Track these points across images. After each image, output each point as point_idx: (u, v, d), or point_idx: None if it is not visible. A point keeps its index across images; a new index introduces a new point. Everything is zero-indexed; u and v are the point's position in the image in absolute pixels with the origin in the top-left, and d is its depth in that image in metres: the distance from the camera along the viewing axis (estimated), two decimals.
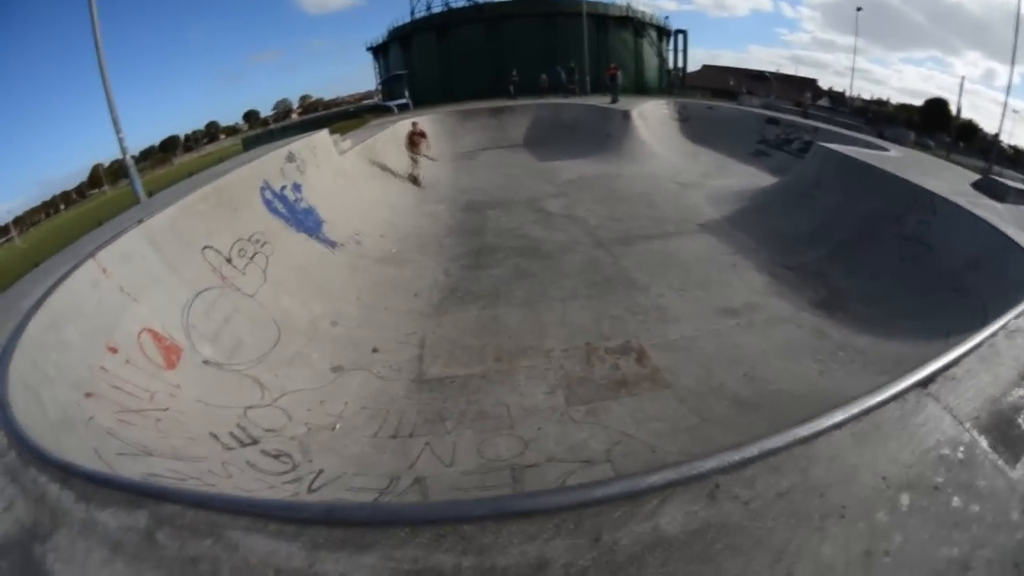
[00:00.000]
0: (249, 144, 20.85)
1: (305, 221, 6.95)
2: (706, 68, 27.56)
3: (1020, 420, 2.14)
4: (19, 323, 2.74)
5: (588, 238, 7.70)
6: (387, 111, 18.95)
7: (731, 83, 20.26)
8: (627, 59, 26.83)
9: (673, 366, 4.54)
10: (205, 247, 4.90)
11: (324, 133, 9.28)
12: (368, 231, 7.96)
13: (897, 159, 7.84)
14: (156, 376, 3.33)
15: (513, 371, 4.54)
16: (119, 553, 1.54)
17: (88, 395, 2.66)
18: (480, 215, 9.34)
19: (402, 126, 12.98)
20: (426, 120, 14.47)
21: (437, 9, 27.56)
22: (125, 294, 3.67)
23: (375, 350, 5.06)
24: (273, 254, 5.81)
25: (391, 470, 3.10)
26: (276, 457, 3.15)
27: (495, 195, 10.61)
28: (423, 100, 21.42)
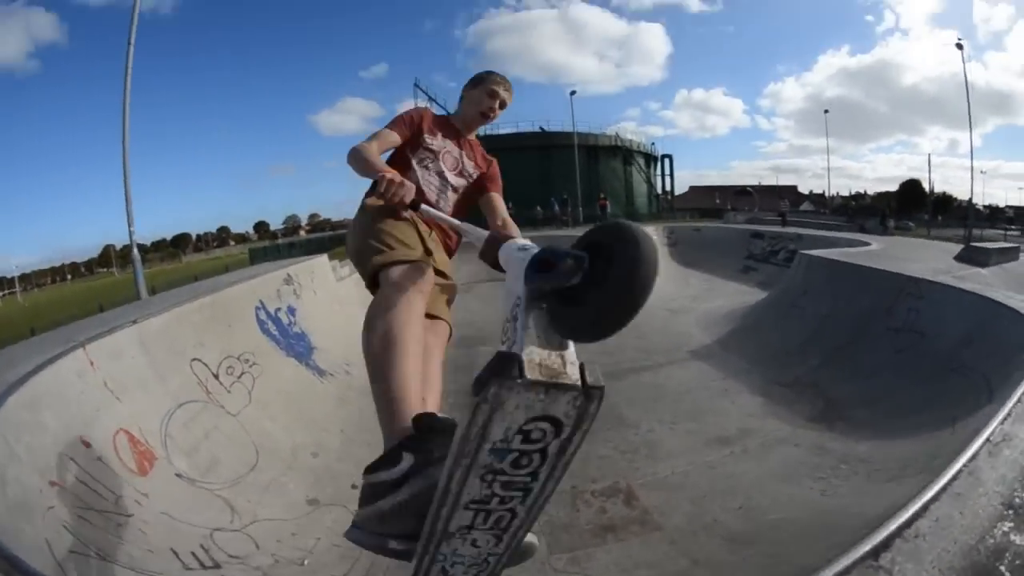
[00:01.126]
0: (255, 256, 21.52)
1: (296, 346, 7.05)
2: (693, 189, 30.22)
3: (1002, 567, 1.82)
4: None
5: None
6: None
7: (717, 201, 22.10)
8: (617, 186, 29.27)
9: (664, 505, 4.42)
10: (194, 359, 4.98)
11: (323, 258, 9.81)
12: (358, 361, 7.87)
13: (879, 251, 8.35)
14: (126, 479, 3.21)
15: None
16: None
17: (52, 483, 2.57)
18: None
19: None
20: None
21: None
22: (108, 390, 3.66)
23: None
24: (261, 376, 5.85)
25: None
26: None
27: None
28: None
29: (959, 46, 35.33)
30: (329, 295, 9.22)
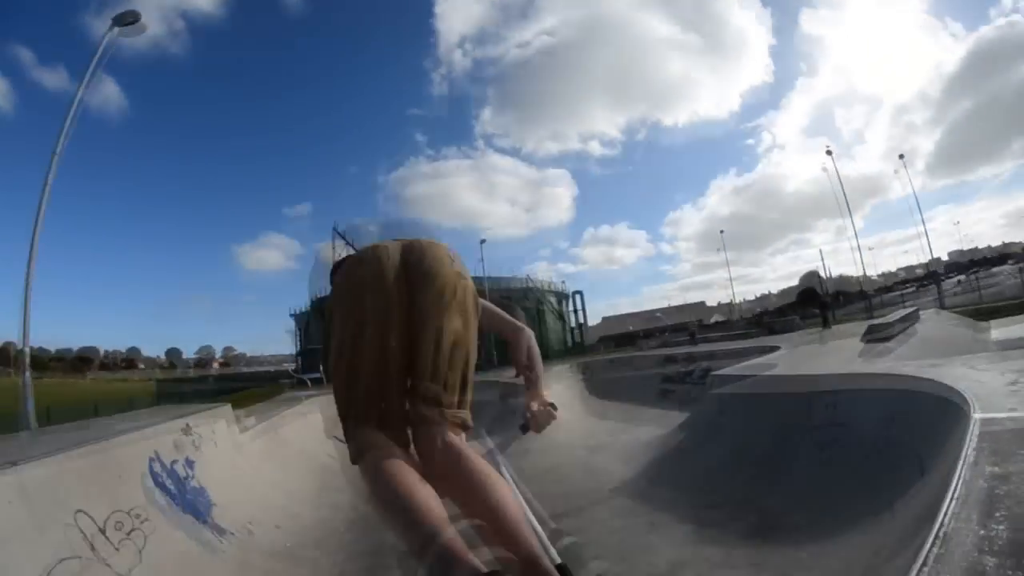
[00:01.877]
0: (163, 388, 19.38)
1: (194, 502, 6.40)
2: (605, 320, 31.92)
3: None
4: None
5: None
6: (301, 383, 19.02)
7: (630, 328, 23.46)
8: (556, 325, 30.21)
9: None
10: (79, 510, 4.35)
11: (227, 408, 9.24)
12: (263, 519, 7.31)
13: (788, 354, 8.70)
14: None
15: None
16: None
17: None
18: None
19: (310, 404, 12.99)
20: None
21: None
22: None
23: None
24: (153, 533, 5.21)
25: None
26: None
27: None
28: None
29: (828, 152, 45.66)
30: (232, 447, 8.53)
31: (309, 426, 12.10)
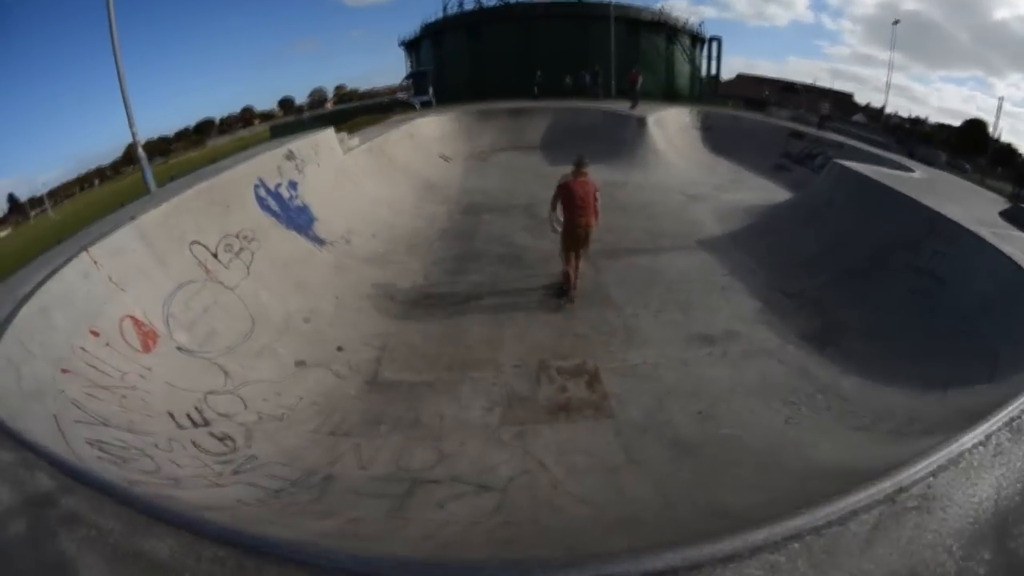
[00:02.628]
0: (277, 132, 22.23)
1: (297, 218, 7.72)
2: (741, 78, 27.81)
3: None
4: (13, 308, 3.53)
5: None
6: (410, 107, 19.83)
7: (765, 94, 20.58)
8: (658, 65, 27.51)
9: (625, 394, 4.68)
10: (193, 242, 5.68)
11: (329, 132, 10.11)
12: (361, 230, 8.71)
13: (921, 181, 7.89)
14: (131, 358, 4.08)
15: (460, 382, 4.98)
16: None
17: (64, 371, 3.42)
18: (476, 218, 10.04)
19: (418, 124, 13.74)
20: (444, 119, 15.26)
21: (469, 7, 28.58)
22: (113, 284, 4.46)
23: (340, 349, 5.72)
24: (260, 250, 6.55)
25: (312, 465, 3.68)
26: (221, 440, 3.86)
27: (497, 198, 11.31)
28: (454, 98, 22.45)
29: None
30: (335, 167, 9.59)
31: (415, 146, 12.97)
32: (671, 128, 14.84)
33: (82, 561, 1.86)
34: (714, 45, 29.64)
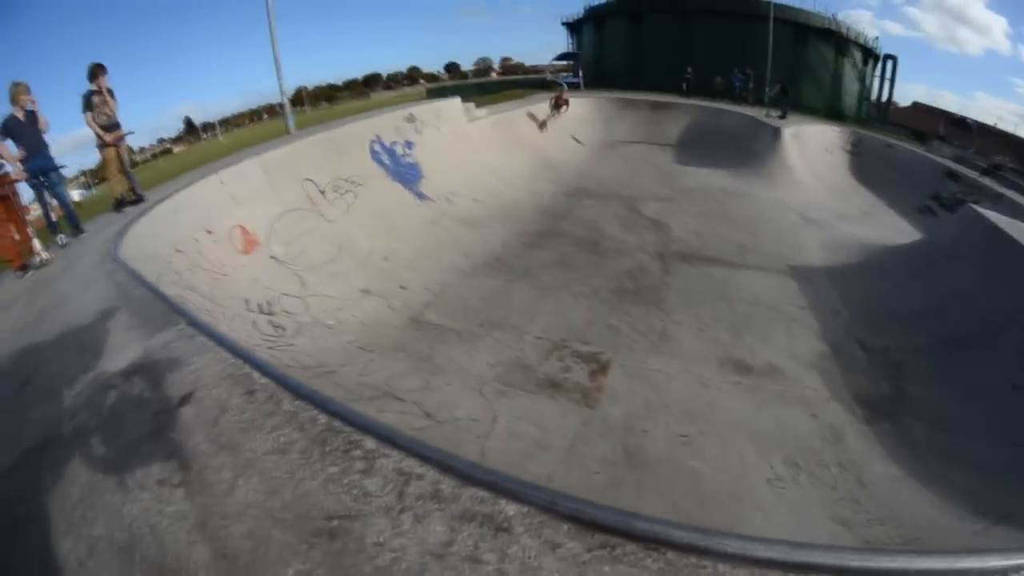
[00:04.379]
0: (432, 94, 24.38)
1: (405, 174, 8.95)
2: (917, 107, 23.72)
3: None
4: (153, 204, 5.07)
5: (655, 247, 8.32)
6: (557, 86, 20.61)
7: (940, 131, 17.75)
8: (824, 78, 24.82)
9: (621, 394, 4.70)
10: (306, 179, 7.10)
11: (455, 100, 11.29)
12: (465, 193, 9.70)
13: None
14: (232, 255, 5.47)
15: (481, 338, 5.55)
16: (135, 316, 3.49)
17: (177, 251, 4.83)
18: (576, 201, 10.55)
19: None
20: (586, 103, 15.86)
21: None
22: (232, 199, 5.97)
23: (402, 287, 6.77)
24: (363, 196, 7.74)
25: (327, 362, 4.57)
26: (275, 327, 5.11)
27: (606, 187, 11.68)
28: (608, 83, 22.78)
29: None
30: (455, 134, 10.66)
31: (542, 118, 13.79)
32: (812, 145, 13.90)
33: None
34: (888, 64, 25.94)
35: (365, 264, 6.86)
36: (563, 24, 31.63)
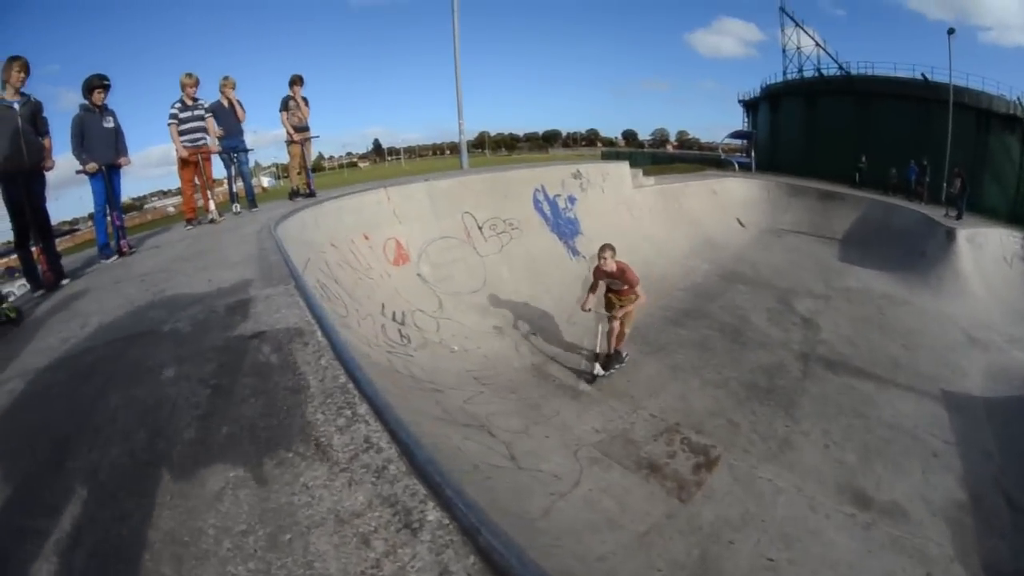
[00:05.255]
0: (606, 156, 25.00)
1: (564, 227, 9.17)
2: None
3: None
4: (321, 200, 5.66)
5: (799, 346, 7.68)
6: (728, 164, 19.94)
7: None
8: (1007, 172, 20.76)
9: (719, 496, 4.35)
10: (465, 212, 7.60)
11: (624, 164, 11.43)
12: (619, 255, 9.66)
13: None
14: (382, 262, 6.07)
15: (598, 402, 5.48)
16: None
17: (332, 244, 5.42)
18: (728, 285, 10.11)
19: (725, 183, 14.06)
20: (755, 185, 15.42)
21: (808, 73, 26.88)
22: (395, 216, 6.56)
23: (534, 333, 6.86)
24: (518, 238, 8.21)
25: (437, 381, 4.88)
26: (401, 336, 5.39)
27: (761, 274, 11.08)
28: (781, 165, 21.70)
29: None
30: (618, 197, 10.82)
31: (713, 201, 13.40)
32: (988, 252, 11.99)
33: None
34: None
35: (505, 303, 7.21)
36: (740, 102, 31.14)
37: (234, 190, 7.74)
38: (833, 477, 4.83)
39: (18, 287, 5.38)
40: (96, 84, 5.64)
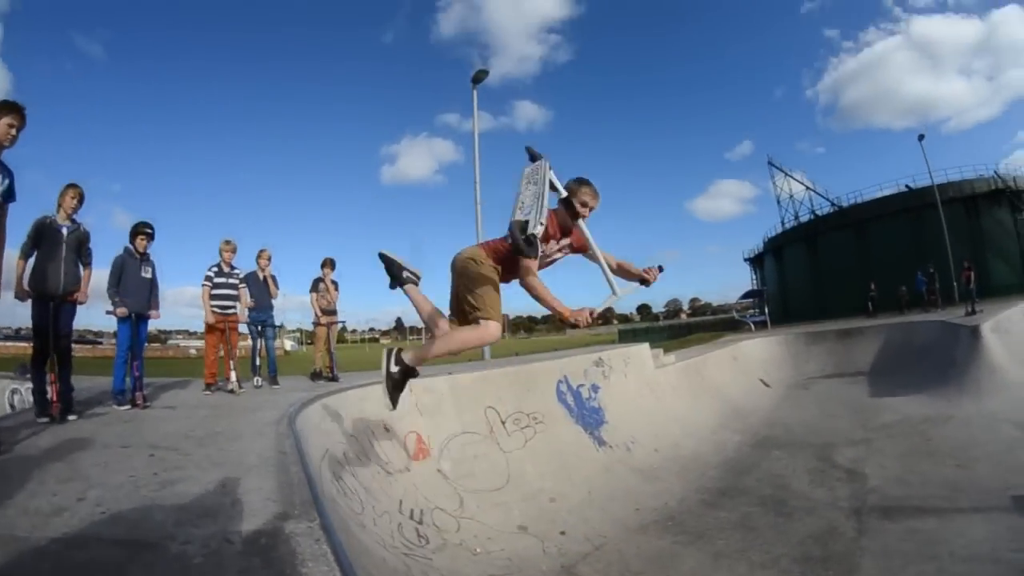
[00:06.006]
0: (623, 336, 25.54)
1: (588, 417, 9.23)
2: None
3: None
4: (343, 388, 5.93)
5: (848, 503, 7.15)
6: (743, 325, 20.15)
7: None
8: (1007, 245, 20.24)
9: None
10: (488, 407, 7.80)
11: (644, 347, 11.82)
12: (645, 443, 9.55)
13: None
14: (400, 456, 6.16)
15: None
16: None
17: (350, 436, 5.56)
18: (763, 453, 9.75)
19: (743, 347, 14.24)
20: (772, 342, 15.63)
21: (804, 217, 28.47)
22: (417, 409, 6.80)
23: (562, 532, 6.54)
24: (543, 432, 8.30)
25: None
26: (419, 536, 5.24)
27: (795, 433, 10.75)
28: (794, 313, 21.85)
29: None
30: (642, 380, 11.03)
31: (736, 368, 13.52)
32: (1017, 334, 11.32)
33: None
34: None
35: (530, 501, 7.07)
36: (745, 260, 32.33)
37: (256, 362, 8.08)
38: None
39: (26, 389, 5.23)
40: (140, 231, 6.22)
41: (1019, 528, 5.66)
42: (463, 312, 4.04)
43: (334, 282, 8.95)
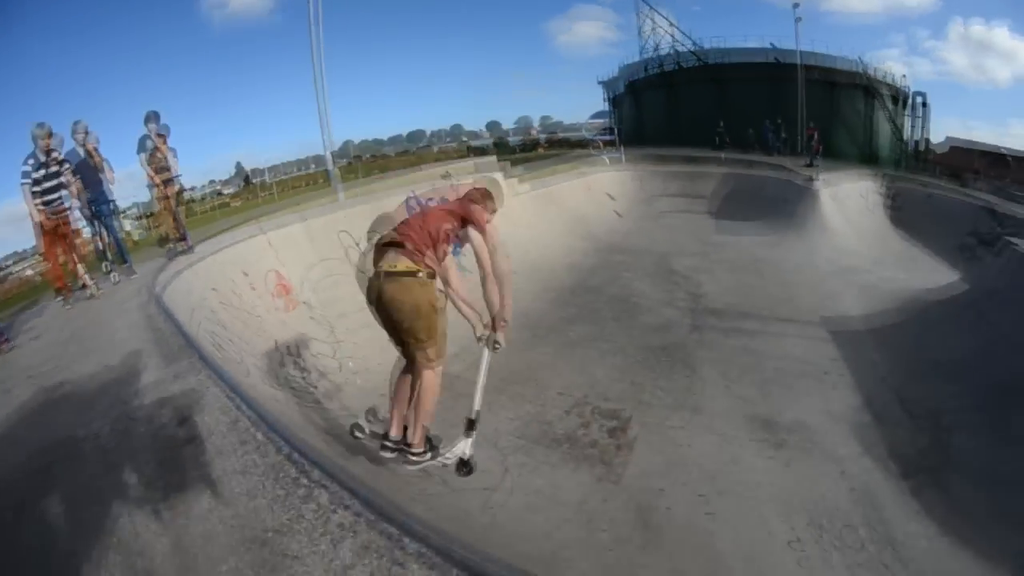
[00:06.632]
0: (479, 168, 25.86)
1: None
2: (953, 147, 23.23)
3: None
4: (202, 257, 5.42)
5: (685, 303, 8.28)
6: (592, 143, 21.24)
7: (975, 168, 17.33)
8: (856, 126, 24.98)
9: (640, 451, 4.58)
10: (341, 231, 7.47)
11: (498, 176, 11.80)
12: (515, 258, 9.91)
13: None
14: (265, 298, 5.79)
15: (504, 390, 5.41)
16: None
17: (213, 289, 5.17)
18: (611, 260, 10.74)
19: (598, 177, 15.74)
20: (624, 174, 17.22)
21: (664, 51, 29.49)
22: (272, 248, 6.35)
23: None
24: None
25: (346, 408, 4.79)
26: (301, 369, 5.28)
27: (639, 244, 11.95)
28: (649, 141, 23.52)
29: None
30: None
31: (589, 196, 14.70)
32: (851, 204, 13.85)
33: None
34: (918, 102, 25.64)
35: None
36: (599, 83, 32.94)
37: (106, 254, 6.92)
38: (739, 412, 5.28)
39: None
40: None
41: (824, 341, 6.90)
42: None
43: (161, 135, 7.33)
